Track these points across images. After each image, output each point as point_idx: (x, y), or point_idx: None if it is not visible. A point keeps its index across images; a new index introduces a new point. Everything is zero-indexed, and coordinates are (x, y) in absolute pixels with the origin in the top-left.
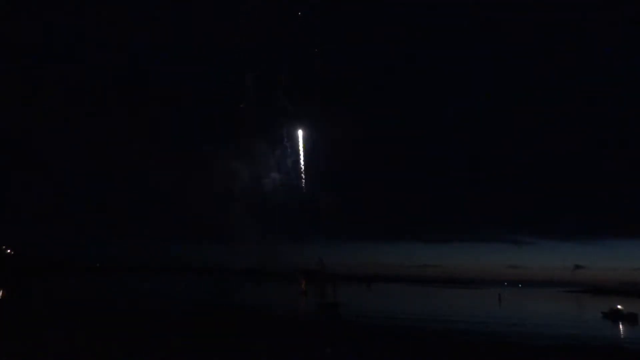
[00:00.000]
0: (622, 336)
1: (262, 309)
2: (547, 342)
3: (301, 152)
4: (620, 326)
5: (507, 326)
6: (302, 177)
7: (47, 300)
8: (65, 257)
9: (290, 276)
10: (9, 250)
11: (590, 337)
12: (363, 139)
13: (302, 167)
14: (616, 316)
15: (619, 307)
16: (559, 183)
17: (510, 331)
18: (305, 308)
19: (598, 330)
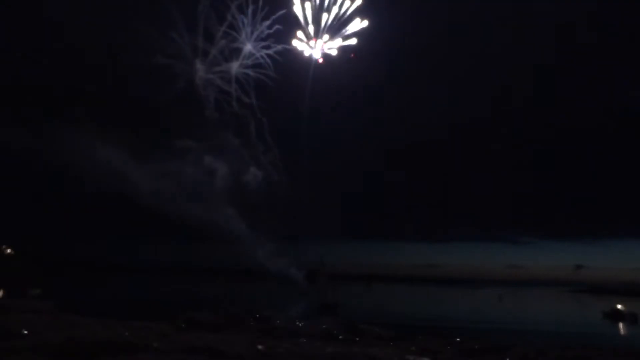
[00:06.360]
0: (622, 336)
1: (262, 308)
2: (547, 342)
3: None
4: (621, 326)
5: (507, 326)
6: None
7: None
8: (65, 257)
9: (289, 276)
10: (9, 250)
11: (591, 336)
12: (362, 138)
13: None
14: (616, 316)
15: (619, 307)
16: (559, 183)
17: (510, 331)
18: (305, 308)
19: (598, 330)
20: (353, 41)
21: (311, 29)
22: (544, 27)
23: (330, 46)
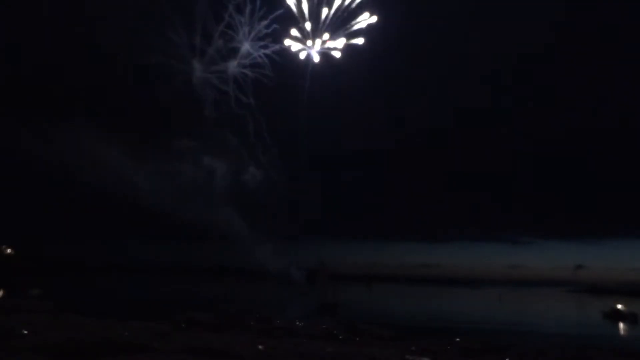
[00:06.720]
0: (622, 336)
1: (262, 308)
2: (547, 342)
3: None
4: (621, 326)
5: (507, 326)
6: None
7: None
8: (65, 257)
9: (289, 276)
10: (9, 250)
11: (591, 337)
12: (362, 137)
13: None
14: (616, 316)
15: (619, 307)
16: (559, 183)
17: (510, 331)
18: (305, 308)
19: (598, 330)
20: (360, 40)
21: (308, 25)
22: (545, 26)
23: (331, 45)
